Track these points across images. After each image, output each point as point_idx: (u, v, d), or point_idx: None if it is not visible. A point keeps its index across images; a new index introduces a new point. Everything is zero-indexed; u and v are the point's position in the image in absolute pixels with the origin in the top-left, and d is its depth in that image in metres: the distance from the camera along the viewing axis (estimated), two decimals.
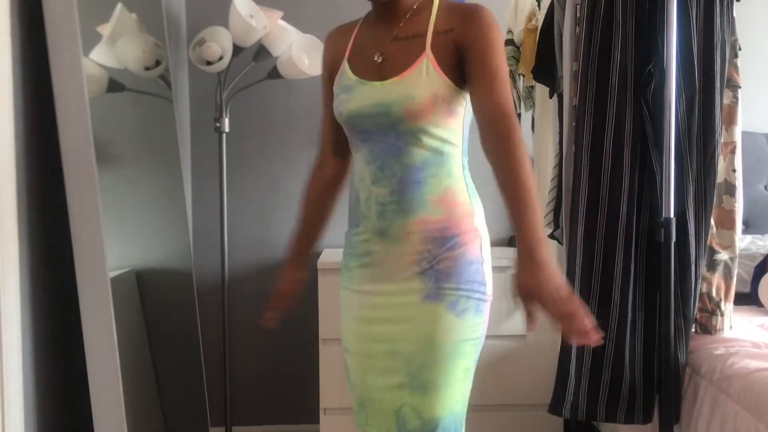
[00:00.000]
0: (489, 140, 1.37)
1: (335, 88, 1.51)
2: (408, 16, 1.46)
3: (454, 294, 1.43)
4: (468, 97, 1.45)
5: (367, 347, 1.51)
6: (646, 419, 1.92)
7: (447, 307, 1.42)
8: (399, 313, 1.46)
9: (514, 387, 2.62)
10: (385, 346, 1.46)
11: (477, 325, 1.46)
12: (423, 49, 1.41)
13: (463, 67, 1.41)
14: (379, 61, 1.45)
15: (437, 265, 1.43)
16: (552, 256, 2.23)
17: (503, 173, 1.33)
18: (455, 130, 1.46)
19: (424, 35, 1.42)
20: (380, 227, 1.46)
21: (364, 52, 1.48)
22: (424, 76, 1.40)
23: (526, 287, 1.26)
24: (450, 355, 1.43)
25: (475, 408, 1.68)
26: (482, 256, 1.47)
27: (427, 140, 1.43)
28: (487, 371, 1.71)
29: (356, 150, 1.51)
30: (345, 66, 1.49)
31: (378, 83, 1.43)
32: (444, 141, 1.44)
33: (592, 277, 1.91)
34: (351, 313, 1.54)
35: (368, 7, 1.53)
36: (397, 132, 1.42)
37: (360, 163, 1.49)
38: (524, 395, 2.61)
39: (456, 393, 1.44)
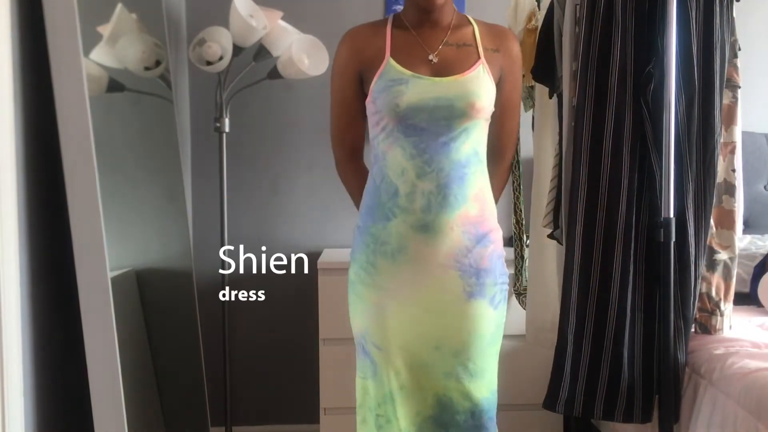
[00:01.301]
0: (498, 160, 1.70)
1: (379, 82, 1.54)
2: (451, 28, 1.60)
3: (493, 288, 1.60)
4: None
5: (409, 342, 1.58)
6: (645, 419, 1.92)
7: (488, 302, 1.59)
8: (442, 310, 1.57)
9: (514, 387, 2.62)
10: (430, 341, 1.58)
11: (505, 310, 1.65)
12: (478, 56, 1.58)
13: (498, 85, 1.61)
14: (435, 61, 1.56)
15: (475, 263, 1.57)
16: (552, 257, 2.24)
17: (495, 185, 1.68)
18: (486, 134, 1.62)
19: (474, 45, 1.59)
20: (424, 220, 1.54)
21: (412, 52, 1.57)
22: (482, 79, 1.55)
23: None
24: (491, 343, 1.61)
25: None
26: (503, 249, 1.66)
27: (471, 139, 1.56)
28: None
29: (393, 144, 1.55)
30: (389, 61, 1.55)
31: (437, 78, 1.54)
32: (480, 142, 1.59)
33: (590, 277, 1.91)
34: (382, 310, 1.58)
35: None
36: (450, 128, 1.53)
37: (399, 157, 1.55)
38: (524, 395, 2.60)
39: (495, 373, 1.64)
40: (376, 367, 1.60)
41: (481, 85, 1.54)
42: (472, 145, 1.57)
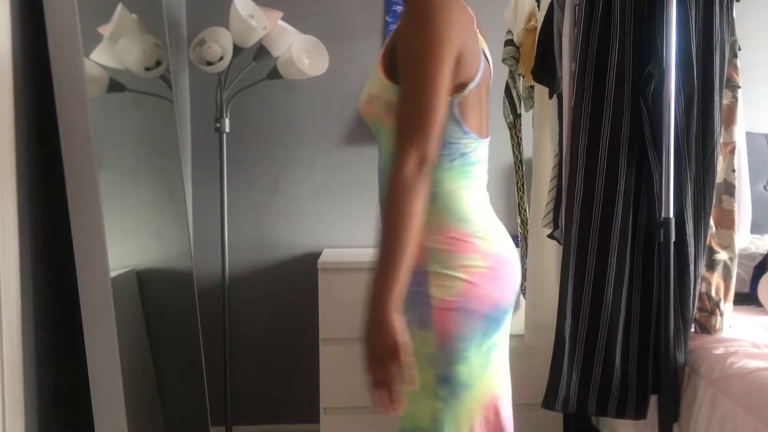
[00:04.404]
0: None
1: None
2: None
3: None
4: None
5: None
6: (639, 415, 1.92)
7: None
8: None
9: (513, 386, 2.61)
10: None
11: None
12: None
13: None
14: None
15: None
16: (551, 256, 2.25)
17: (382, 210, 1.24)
18: None
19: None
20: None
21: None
22: (372, 75, 1.34)
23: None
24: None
25: None
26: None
27: (385, 143, 1.33)
28: None
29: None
30: None
31: None
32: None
33: (585, 276, 1.92)
34: None
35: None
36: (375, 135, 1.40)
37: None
38: (522, 395, 2.59)
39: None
40: None
41: (367, 83, 1.36)
42: (387, 149, 1.31)
